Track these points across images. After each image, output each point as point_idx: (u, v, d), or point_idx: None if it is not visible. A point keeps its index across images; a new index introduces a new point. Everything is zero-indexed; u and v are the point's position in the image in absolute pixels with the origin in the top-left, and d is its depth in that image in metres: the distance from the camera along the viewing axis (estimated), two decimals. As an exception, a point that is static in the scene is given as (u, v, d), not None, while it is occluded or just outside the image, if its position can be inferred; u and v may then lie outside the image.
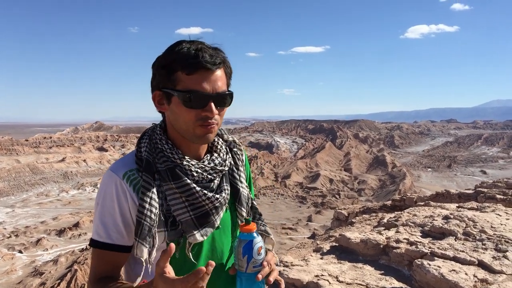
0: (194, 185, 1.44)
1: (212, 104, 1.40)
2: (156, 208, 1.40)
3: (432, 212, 7.42)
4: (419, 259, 4.78)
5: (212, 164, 1.52)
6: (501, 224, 5.87)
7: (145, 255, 1.38)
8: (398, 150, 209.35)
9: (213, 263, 1.19)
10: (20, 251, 65.49)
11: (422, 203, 9.73)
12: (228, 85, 1.49)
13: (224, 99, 1.45)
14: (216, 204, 1.48)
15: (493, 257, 4.73)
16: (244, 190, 1.64)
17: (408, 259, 5.15)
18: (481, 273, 4.36)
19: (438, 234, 5.86)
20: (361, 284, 4.65)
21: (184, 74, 1.38)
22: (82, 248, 62.86)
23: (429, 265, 4.52)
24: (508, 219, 6.23)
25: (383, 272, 5.08)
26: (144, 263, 1.39)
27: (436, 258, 4.83)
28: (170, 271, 1.22)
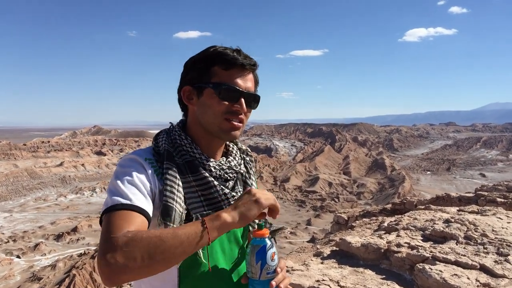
0: (212, 179, 1.46)
1: (243, 100, 1.47)
2: (181, 198, 1.39)
3: (433, 215, 7.39)
4: (421, 264, 4.74)
5: (228, 164, 1.55)
6: (503, 228, 5.83)
7: None
8: (397, 153, 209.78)
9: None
10: (18, 256, 65.41)
11: (423, 207, 9.69)
12: (256, 91, 1.57)
13: (253, 99, 1.52)
14: (232, 202, 1.47)
15: (495, 261, 4.69)
16: None
17: (409, 264, 5.11)
18: (483, 277, 4.32)
19: (439, 238, 5.81)
20: (362, 289, 4.60)
21: (220, 69, 1.45)
22: (81, 253, 62.72)
23: (431, 269, 4.48)
24: (509, 222, 6.19)
25: (384, 276, 5.04)
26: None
27: (437, 262, 4.79)
28: None
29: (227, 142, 1.67)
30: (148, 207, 1.33)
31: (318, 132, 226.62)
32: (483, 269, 4.56)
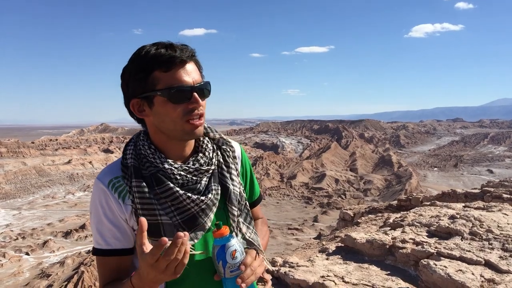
0: (178, 189, 1.42)
1: (196, 95, 1.40)
2: (159, 206, 1.42)
3: (438, 212, 7.39)
4: (425, 259, 4.75)
5: (197, 165, 1.49)
6: (508, 224, 5.83)
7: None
8: (404, 150, 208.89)
9: (181, 234, 1.17)
10: (27, 253, 65.84)
11: (428, 203, 9.68)
12: (202, 77, 1.49)
13: (205, 89, 1.45)
14: (203, 206, 1.45)
15: (500, 257, 4.70)
16: (235, 188, 1.59)
17: (414, 259, 5.13)
18: (488, 273, 4.34)
19: (444, 234, 5.82)
20: (367, 285, 4.63)
21: (161, 73, 1.37)
22: (89, 250, 63.02)
23: (436, 265, 4.49)
24: (515, 218, 6.18)
25: (389, 272, 5.06)
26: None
27: (442, 258, 4.80)
28: (148, 247, 1.22)
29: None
30: (119, 243, 1.45)
31: (324, 128, 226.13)
32: (488, 264, 4.57)
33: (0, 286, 52.19)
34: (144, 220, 1.20)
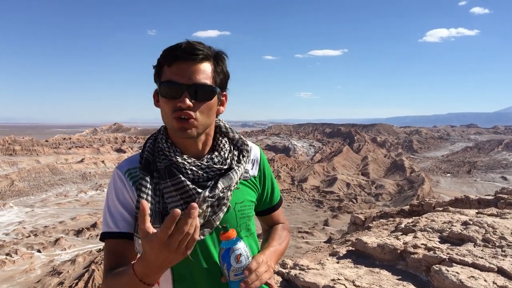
0: (188, 183, 1.44)
1: (186, 95, 1.41)
2: (152, 204, 1.43)
3: (451, 217, 7.34)
4: (437, 265, 4.72)
5: (209, 163, 1.51)
6: (522, 231, 5.77)
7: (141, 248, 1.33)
8: (417, 155, 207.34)
9: (195, 205, 1.17)
10: (38, 251, 66.47)
11: (441, 209, 9.62)
12: (216, 81, 1.49)
13: (200, 91, 1.43)
14: (210, 204, 1.45)
15: (513, 264, 4.65)
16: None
17: (425, 265, 5.09)
18: (501, 280, 4.30)
19: (457, 240, 5.78)
20: (378, 289, 4.61)
21: (167, 67, 1.43)
22: (100, 249, 63.44)
23: (447, 271, 4.46)
24: (529, 226, 6.11)
25: (400, 277, 5.03)
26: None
27: (454, 264, 4.76)
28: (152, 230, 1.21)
29: (217, 135, 1.63)
30: (129, 227, 1.47)
31: (336, 132, 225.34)
32: (501, 271, 4.53)
33: (11, 283, 52.76)
34: (145, 202, 1.19)
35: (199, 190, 1.44)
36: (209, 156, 1.53)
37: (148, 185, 1.45)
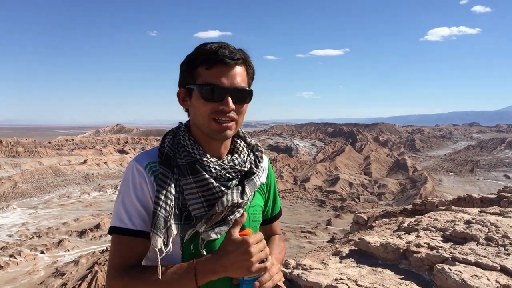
0: (212, 181, 1.47)
1: (229, 98, 1.46)
2: (171, 201, 1.44)
3: (454, 216, 7.33)
4: (440, 264, 4.72)
5: (231, 164, 1.54)
6: (525, 230, 5.76)
7: (159, 245, 1.39)
8: (419, 154, 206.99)
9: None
10: (42, 252, 66.65)
11: (444, 208, 9.60)
12: (249, 84, 1.55)
13: (242, 94, 1.50)
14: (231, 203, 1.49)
15: (516, 263, 4.64)
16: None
17: (428, 264, 5.09)
18: (504, 279, 4.29)
19: (460, 239, 5.77)
20: (381, 289, 4.60)
21: (204, 69, 1.46)
22: (103, 250, 63.59)
23: (450, 270, 4.46)
24: (532, 224, 6.10)
25: (403, 276, 5.03)
26: (158, 253, 1.39)
27: (457, 263, 4.76)
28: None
29: (235, 138, 1.67)
30: (144, 225, 1.45)
31: (339, 132, 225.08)
32: (504, 270, 4.52)
33: (15, 284, 52.87)
34: (245, 215, 1.44)
35: (223, 189, 1.48)
36: (229, 157, 1.57)
37: (169, 181, 1.45)
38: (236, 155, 1.59)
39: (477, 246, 5.34)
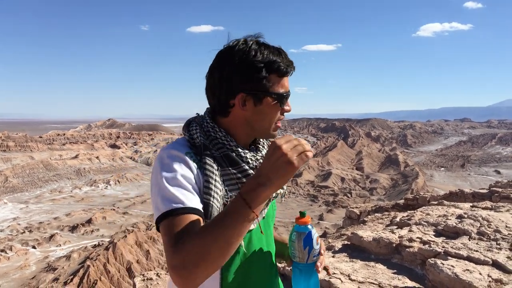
0: (251, 171, 1.48)
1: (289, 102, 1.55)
2: (220, 191, 1.41)
3: (446, 211, 7.36)
4: (432, 258, 4.73)
5: (261, 154, 1.57)
6: (516, 224, 5.80)
7: None
8: (411, 149, 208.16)
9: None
10: (33, 247, 66.37)
11: (436, 202, 9.65)
12: None
13: None
14: None
15: (508, 257, 4.67)
16: None
17: (421, 258, 5.11)
18: (496, 273, 4.31)
19: (452, 233, 5.80)
20: (374, 283, 4.62)
21: (276, 77, 1.47)
22: (95, 244, 63.46)
23: (443, 264, 4.47)
24: (523, 219, 6.14)
25: (395, 271, 5.05)
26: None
27: (449, 257, 4.78)
28: None
29: None
30: (198, 203, 1.34)
31: (331, 127, 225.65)
32: (496, 264, 4.54)
33: (6, 279, 52.63)
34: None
35: None
36: (256, 148, 1.61)
37: (216, 171, 1.43)
38: (260, 147, 1.62)
39: (469, 240, 5.36)
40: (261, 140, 1.66)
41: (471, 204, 8.11)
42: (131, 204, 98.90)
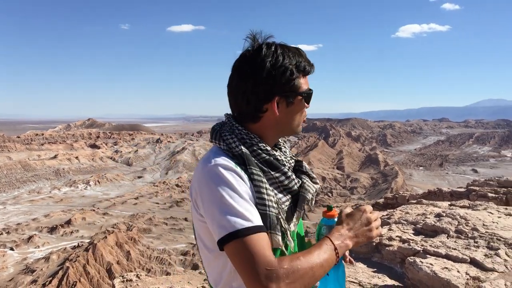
0: (291, 173, 1.55)
1: None
2: (273, 197, 1.44)
3: (425, 210, 7.45)
4: (412, 257, 4.79)
5: (290, 155, 1.66)
6: (493, 222, 5.90)
7: (281, 242, 1.40)
8: (391, 149, 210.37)
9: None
10: (11, 248, 65.12)
11: (415, 201, 9.77)
12: None
13: None
14: (298, 188, 1.58)
15: (485, 255, 4.75)
16: None
17: (400, 257, 5.17)
18: (473, 271, 4.38)
19: (431, 232, 5.88)
20: (354, 282, 4.65)
21: (302, 78, 1.56)
22: (74, 246, 62.63)
23: (422, 262, 4.53)
24: (499, 217, 6.26)
25: (375, 269, 5.09)
26: (282, 251, 1.43)
27: (428, 255, 4.84)
28: None
29: None
30: (260, 218, 1.37)
31: (312, 127, 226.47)
32: (473, 262, 4.61)
33: (-17, 282, 51.59)
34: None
35: (298, 180, 1.57)
36: (282, 149, 1.66)
37: (264, 180, 1.45)
38: (284, 148, 1.68)
39: (448, 238, 5.44)
40: (281, 140, 1.71)
41: (449, 203, 8.23)
42: (111, 204, 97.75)
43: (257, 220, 1.34)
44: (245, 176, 1.42)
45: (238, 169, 1.42)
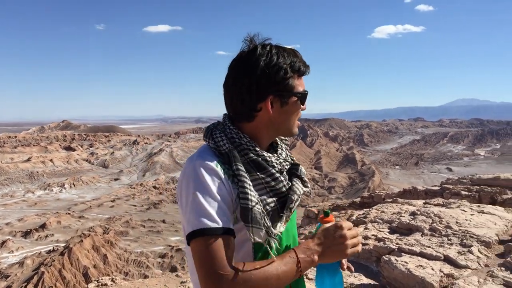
0: (278, 175, 1.53)
1: None
2: (256, 193, 1.45)
3: (400, 208, 7.53)
4: (387, 255, 4.82)
5: (283, 157, 1.64)
6: (466, 220, 5.99)
7: (264, 236, 1.40)
8: (367, 148, 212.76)
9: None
10: (-17, 254, 63.62)
11: (390, 200, 9.87)
12: None
13: None
14: (292, 194, 1.56)
15: (459, 252, 4.81)
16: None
17: (376, 255, 5.20)
18: (447, 268, 4.43)
19: (405, 230, 5.94)
20: (330, 281, 4.65)
21: (297, 78, 1.56)
22: (49, 250, 61.50)
23: (397, 261, 4.56)
24: (472, 214, 6.36)
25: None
26: (268, 247, 1.41)
27: (403, 254, 4.88)
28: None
29: None
30: (230, 223, 1.39)
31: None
32: (447, 260, 4.67)
33: (-46, 289, 50.31)
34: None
35: (287, 183, 1.57)
36: (276, 151, 1.65)
37: (248, 177, 1.46)
38: (279, 151, 1.67)
39: (422, 237, 5.50)
40: (277, 141, 1.71)
41: (424, 201, 8.33)
42: (87, 207, 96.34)
43: (225, 223, 1.36)
44: (223, 175, 1.43)
45: (219, 169, 1.43)
